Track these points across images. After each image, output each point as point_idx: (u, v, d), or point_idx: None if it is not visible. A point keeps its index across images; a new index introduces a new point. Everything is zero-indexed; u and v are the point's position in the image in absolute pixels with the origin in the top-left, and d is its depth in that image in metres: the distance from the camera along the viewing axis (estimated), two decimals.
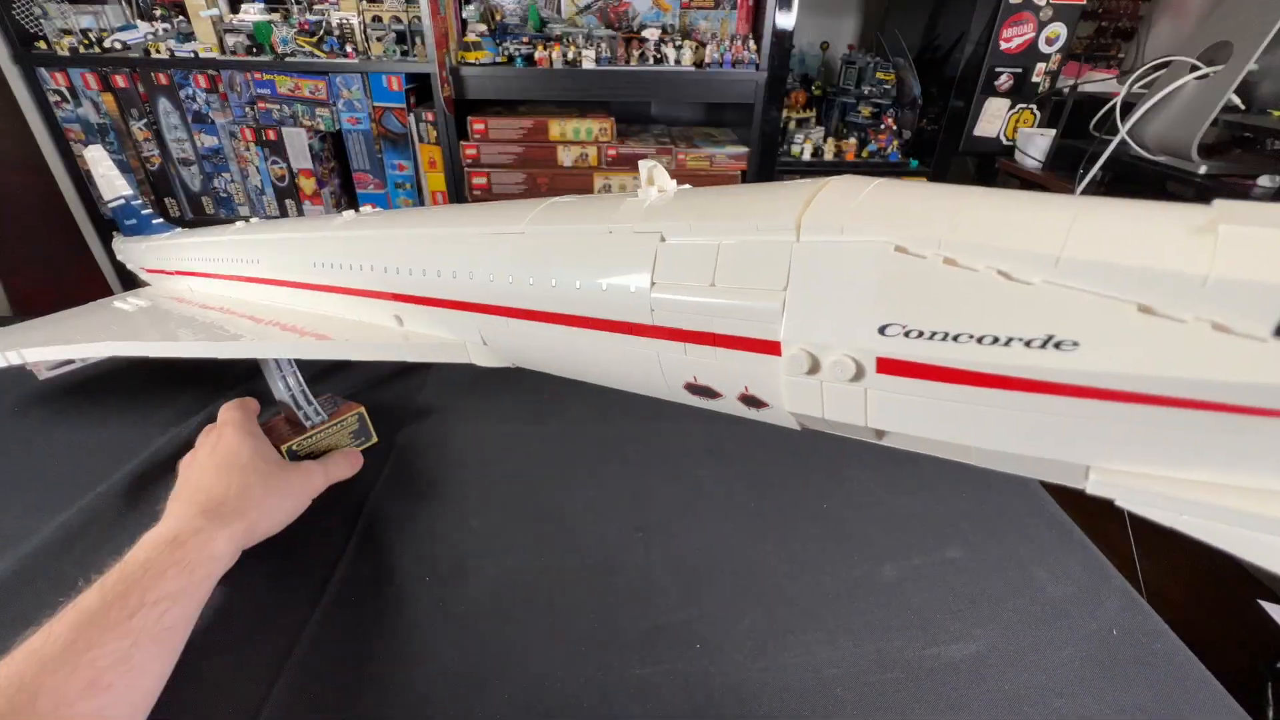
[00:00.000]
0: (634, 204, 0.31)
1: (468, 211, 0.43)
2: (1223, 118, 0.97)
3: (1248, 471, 0.17)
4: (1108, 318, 0.17)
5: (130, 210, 0.90)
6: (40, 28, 1.28)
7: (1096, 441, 0.19)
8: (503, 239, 0.36)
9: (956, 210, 0.21)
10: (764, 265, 0.24)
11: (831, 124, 1.52)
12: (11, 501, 0.49)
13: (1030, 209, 0.20)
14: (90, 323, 0.60)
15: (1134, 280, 0.17)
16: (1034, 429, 0.20)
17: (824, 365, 0.23)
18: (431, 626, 0.40)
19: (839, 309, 0.22)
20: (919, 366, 0.21)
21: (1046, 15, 1.22)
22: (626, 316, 0.29)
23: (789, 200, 0.24)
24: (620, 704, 0.35)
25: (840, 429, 0.26)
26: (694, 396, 0.31)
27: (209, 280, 0.66)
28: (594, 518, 0.49)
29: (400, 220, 0.50)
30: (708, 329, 0.26)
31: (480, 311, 0.38)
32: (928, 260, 0.20)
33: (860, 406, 0.23)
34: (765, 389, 0.26)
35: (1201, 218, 0.17)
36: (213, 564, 0.37)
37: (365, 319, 0.48)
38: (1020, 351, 0.19)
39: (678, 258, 0.27)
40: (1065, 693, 0.36)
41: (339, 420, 0.53)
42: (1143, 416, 0.17)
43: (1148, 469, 0.18)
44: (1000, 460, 0.22)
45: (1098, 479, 0.19)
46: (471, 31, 1.25)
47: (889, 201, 0.23)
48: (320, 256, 0.50)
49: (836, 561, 0.45)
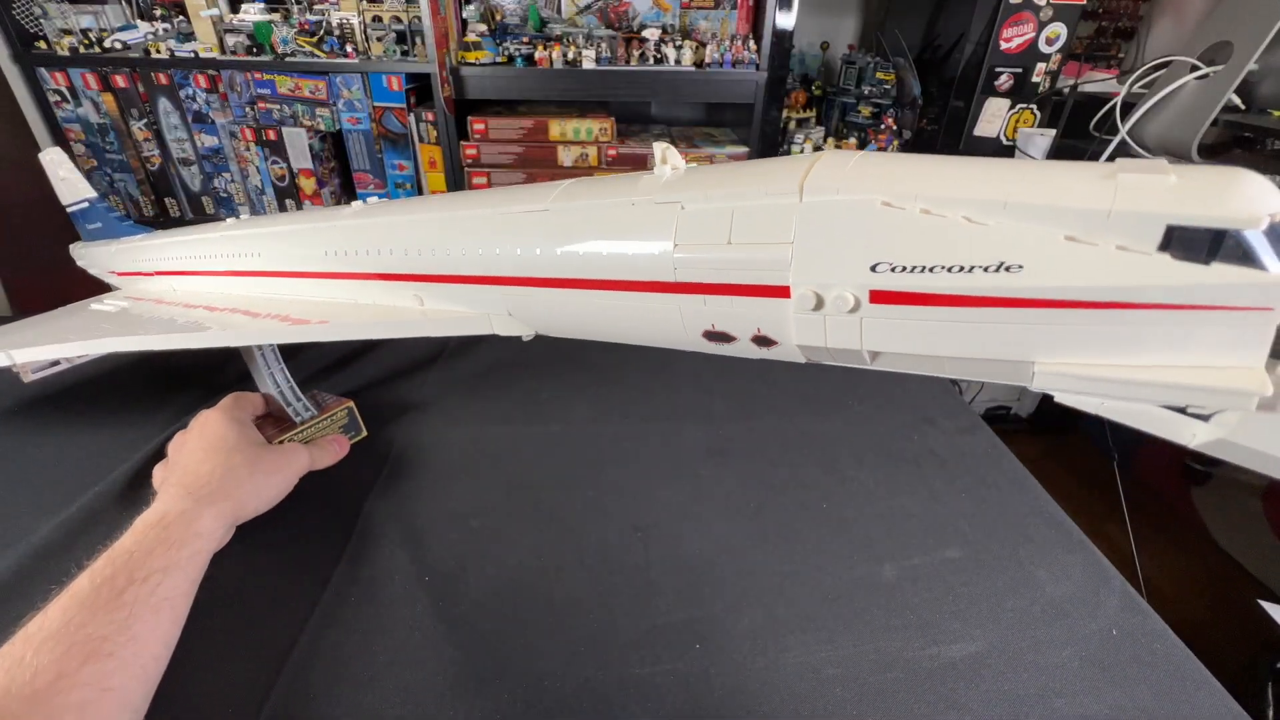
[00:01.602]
0: (652, 180, 0.35)
1: (483, 195, 0.46)
2: (1223, 118, 0.97)
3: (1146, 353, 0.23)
4: (1043, 245, 0.23)
5: (95, 213, 0.88)
6: (40, 28, 1.28)
7: (1039, 341, 0.24)
8: (528, 216, 0.39)
9: (926, 173, 0.26)
10: (774, 223, 0.29)
11: (831, 124, 1.52)
12: (11, 502, 0.49)
13: (983, 169, 0.26)
14: (74, 324, 0.60)
15: (1060, 216, 0.23)
16: (992, 336, 0.25)
17: (827, 301, 0.28)
18: (431, 627, 0.40)
19: (838, 253, 0.27)
20: (904, 295, 0.26)
21: (1046, 15, 1.22)
22: (651, 276, 0.33)
23: (790, 170, 0.29)
24: (620, 704, 0.36)
25: (840, 356, 0.30)
26: (711, 343, 0.34)
27: (196, 279, 0.65)
28: (594, 518, 0.49)
29: (417, 206, 0.51)
30: (725, 280, 0.31)
31: (507, 284, 0.41)
32: (908, 211, 0.25)
33: (857, 333, 0.28)
34: (775, 328, 0.31)
35: (1109, 169, 0.23)
36: (199, 540, 0.39)
37: (384, 302, 0.49)
38: (980, 275, 0.24)
39: (697, 222, 0.31)
40: (1065, 693, 0.36)
41: (328, 415, 0.54)
42: (1071, 318, 0.23)
43: (1077, 360, 0.24)
44: (967, 367, 0.27)
45: (1041, 371, 0.25)
46: (471, 31, 1.24)
47: (872, 168, 0.28)
48: (334, 245, 0.50)
49: (836, 561, 0.45)
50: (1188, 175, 0.22)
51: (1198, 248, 0.20)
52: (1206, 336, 0.21)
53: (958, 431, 0.59)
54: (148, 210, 1.44)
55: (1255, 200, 0.20)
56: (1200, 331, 0.21)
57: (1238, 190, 0.21)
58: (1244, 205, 0.20)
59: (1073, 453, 1.74)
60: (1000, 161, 0.26)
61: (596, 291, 0.36)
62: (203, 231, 0.66)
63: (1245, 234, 0.20)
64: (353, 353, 0.71)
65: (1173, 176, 0.21)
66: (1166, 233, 0.21)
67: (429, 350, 0.71)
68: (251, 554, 0.45)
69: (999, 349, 0.25)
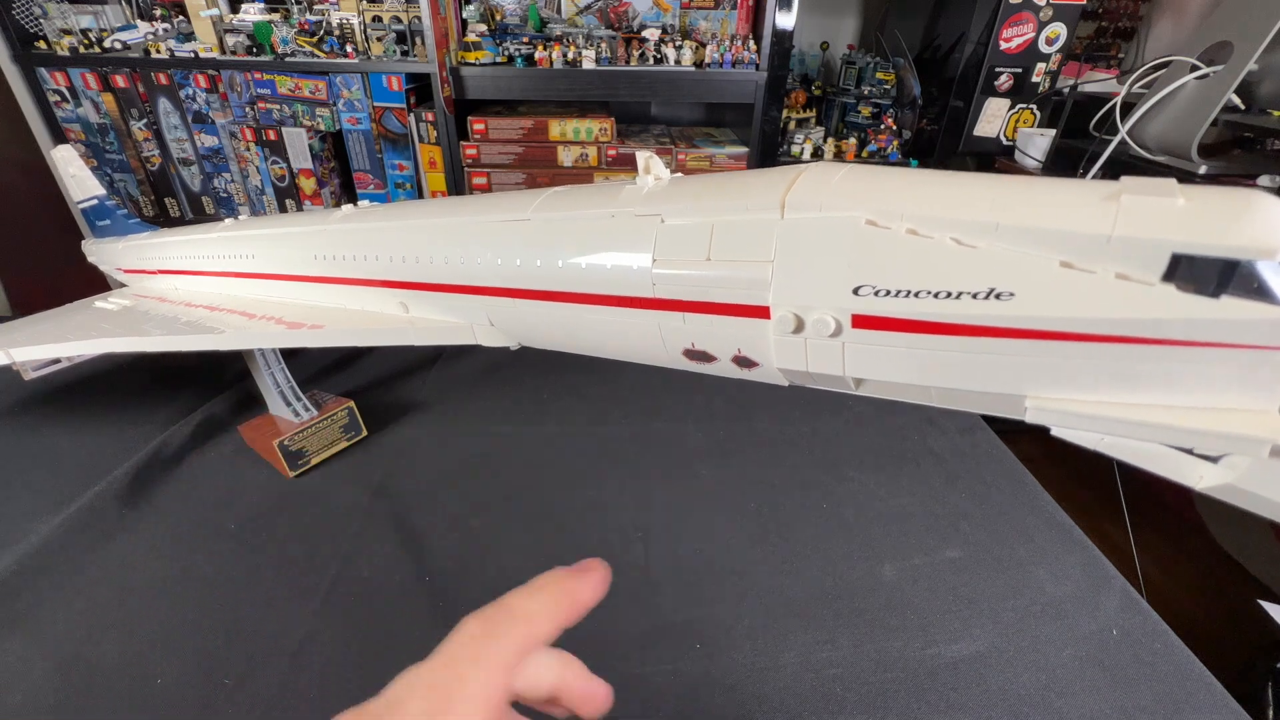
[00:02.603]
0: (633, 190, 0.34)
1: (469, 202, 0.45)
2: (1223, 118, 0.97)
3: (1147, 391, 0.21)
4: (1036, 272, 0.21)
5: (104, 211, 0.88)
6: (40, 28, 1.28)
7: (1030, 375, 0.23)
8: (509, 226, 0.38)
9: (915, 190, 0.25)
10: (753, 240, 0.27)
11: (831, 124, 1.52)
12: (11, 501, 0.49)
13: (974, 186, 0.24)
14: (76, 322, 0.60)
15: (1056, 241, 0.21)
16: (981, 367, 0.23)
17: (807, 324, 0.26)
18: (432, 627, 0.40)
19: (819, 274, 0.26)
20: (887, 320, 0.24)
21: (1046, 15, 1.22)
22: (630, 291, 0.32)
23: (772, 184, 0.28)
24: (621, 704, 0.35)
25: (823, 381, 0.29)
26: (691, 362, 0.33)
27: (196, 278, 0.65)
28: (594, 518, 0.49)
29: (404, 212, 0.51)
30: (704, 298, 0.30)
31: (488, 294, 0.40)
32: (893, 231, 0.24)
33: (839, 358, 0.27)
34: (756, 350, 0.30)
35: (1111, 190, 0.21)
36: None
37: (370, 308, 0.49)
38: (969, 303, 0.22)
39: (676, 236, 0.30)
40: (1065, 692, 0.36)
41: (329, 415, 0.54)
42: (1066, 351, 0.21)
43: (1072, 395, 0.22)
44: (954, 398, 0.25)
45: (1034, 406, 0.23)
46: (471, 31, 1.24)
47: (859, 184, 0.26)
48: (322, 249, 0.50)
49: (836, 561, 0.45)
50: (1197, 198, 0.20)
51: (1206, 279, 0.19)
52: (1214, 375, 0.19)
53: (958, 432, 0.59)
54: (148, 210, 1.44)
55: (1271, 228, 0.18)
56: (1207, 370, 0.19)
57: (1252, 216, 0.18)
58: (1258, 233, 0.18)
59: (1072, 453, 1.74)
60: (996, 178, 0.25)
61: (576, 305, 0.35)
62: (203, 231, 0.66)
63: (1259, 265, 0.18)
64: (352, 354, 0.71)
65: (1180, 199, 0.20)
66: (1172, 261, 0.19)
67: (428, 351, 0.71)
68: (251, 554, 0.45)
69: (988, 381, 0.24)
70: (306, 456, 0.53)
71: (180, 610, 0.37)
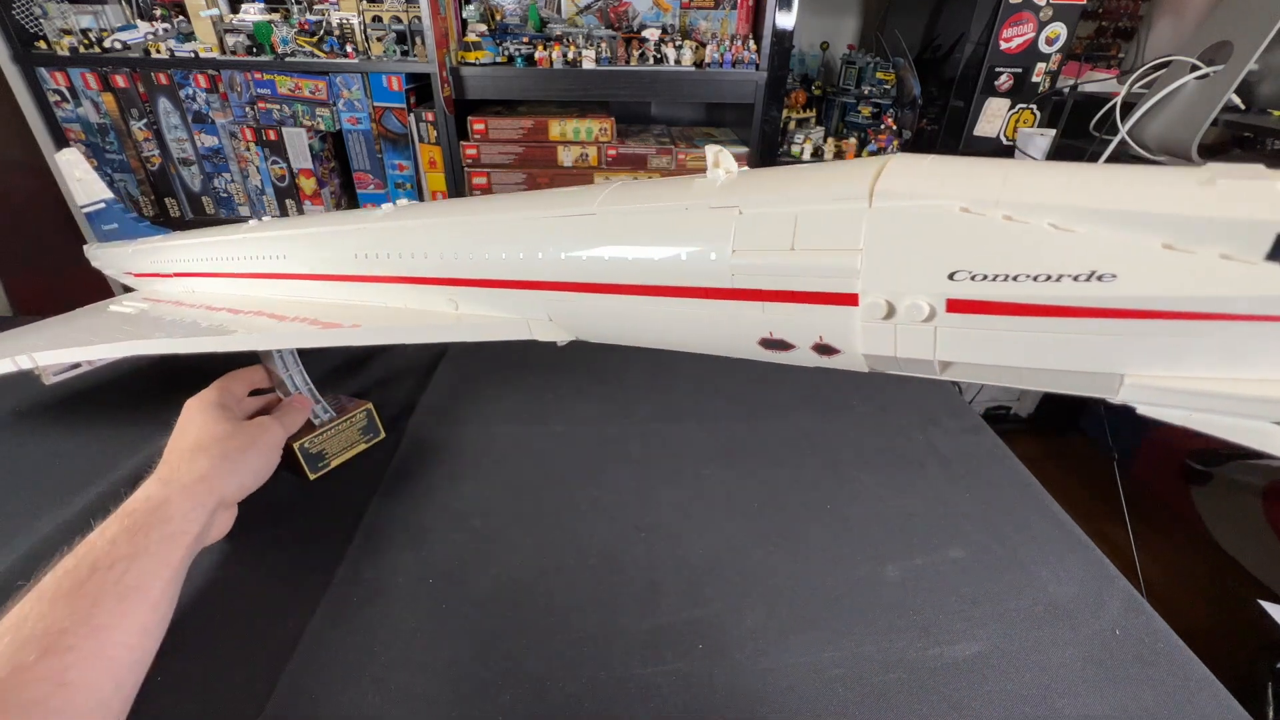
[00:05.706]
0: (706, 183, 0.35)
1: (522, 199, 0.45)
2: (1223, 118, 0.97)
3: (1248, 367, 0.22)
4: (1139, 253, 0.22)
5: (110, 214, 0.87)
6: (40, 28, 1.27)
7: (1132, 353, 0.23)
8: (572, 221, 0.38)
9: (1006, 178, 0.25)
10: (841, 229, 0.28)
11: (831, 124, 1.52)
12: (12, 502, 0.49)
13: (1064, 175, 0.25)
14: (95, 325, 0.59)
15: (1156, 223, 0.22)
16: (1081, 347, 0.24)
17: (899, 309, 0.27)
18: (434, 628, 0.40)
19: (912, 261, 0.26)
20: (984, 304, 0.25)
21: (1046, 15, 1.22)
22: (705, 282, 0.33)
23: (855, 175, 0.28)
24: (622, 705, 0.35)
25: (909, 366, 0.29)
26: (767, 350, 0.34)
27: (216, 280, 0.65)
28: (596, 518, 0.49)
29: (450, 209, 0.50)
30: (787, 287, 0.30)
31: (549, 289, 0.40)
32: (989, 217, 0.24)
33: (930, 342, 0.27)
34: (839, 337, 0.30)
35: (1203, 175, 0.22)
36: (169, 524, 0.37)
37: (412, 305, 0.49)
38: (1069, 285, 0.23)
39: (758, 227, 0.31)
40: (1068, 693, 0.36)
41: (347, 417, 0.54)
42: (1168, 330, 0.22)
43: (1174, 372, 0.23)
44: (1047, 379, 0.26)
45: (1132, 384, 0.24)
46: (471, 31, 1.24)
47: (947, 173, 0.27)
48: (365, 248, 0.50)
49: (839, 562, 0.45)
50: None
51: None
52: None
53: (961, 432, 0.59)
54: (148, 210, 1.44)
55: None
56: None
57: None
58: None
59: (1073, 453, 1.75)
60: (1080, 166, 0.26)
61: (645, 297, 0.36)
62: (224, 233, 0.66)
63: None
64: (359, 355, 0.71)
65: (1277, 183, 0.21)
66: (1277, 241, 0.20)
67: (433, 352, 0.71)
68: (254, 553, 0.45)
69: (1086, 361, 0.24)
70: (326, 459, 0.52)
71: (181, 609, 0.37)
